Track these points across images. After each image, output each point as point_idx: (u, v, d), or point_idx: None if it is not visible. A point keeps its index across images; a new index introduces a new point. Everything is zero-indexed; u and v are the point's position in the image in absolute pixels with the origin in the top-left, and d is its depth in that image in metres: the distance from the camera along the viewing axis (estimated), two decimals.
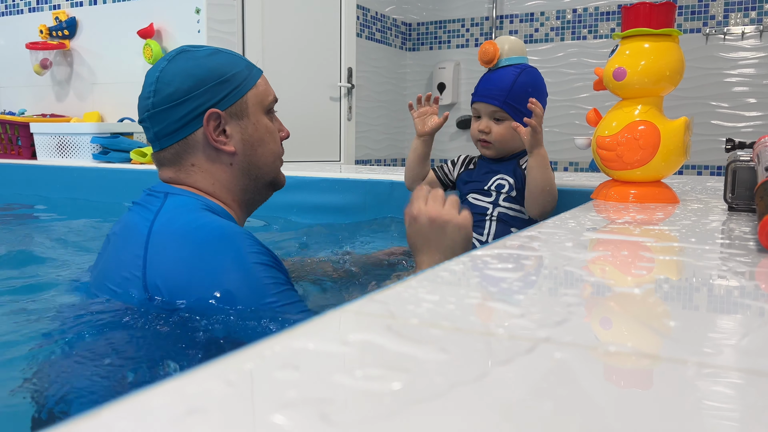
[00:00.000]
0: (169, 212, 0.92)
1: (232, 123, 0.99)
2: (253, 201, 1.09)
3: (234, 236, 0.89)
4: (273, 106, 1.07)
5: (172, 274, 0.86)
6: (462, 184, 1.55)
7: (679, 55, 1.07)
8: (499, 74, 1.43)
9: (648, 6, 1.04)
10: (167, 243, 0.88)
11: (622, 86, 1.07)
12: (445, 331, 0.37)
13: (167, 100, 0.96)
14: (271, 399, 0.28)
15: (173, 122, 0.97)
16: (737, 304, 0.46)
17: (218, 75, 0.97)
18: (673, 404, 0.28)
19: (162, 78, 0.96)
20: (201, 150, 0.99)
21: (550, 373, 0.31)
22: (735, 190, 0.99)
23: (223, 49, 1.03)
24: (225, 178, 1.01)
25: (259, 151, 1.04)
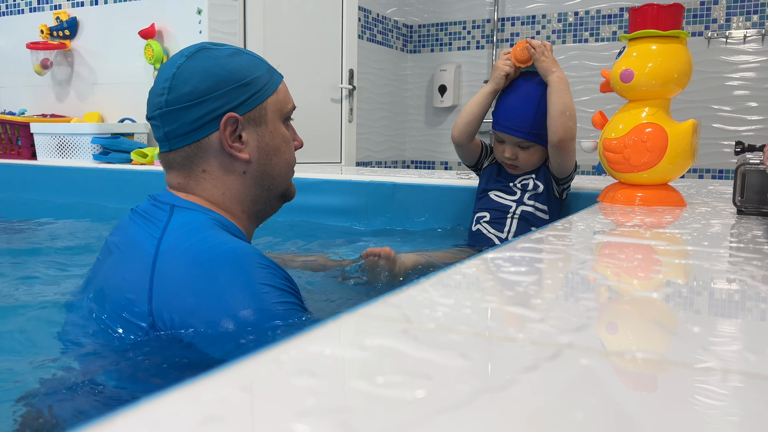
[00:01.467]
0: (176, 231, 0.86)
1: (249, 129, 0.94)
2: (263, 213, 1.03)
3: (244, 258, 0.83)
4: (291, 114, 1.01)
5: (179, 299, 0.81)
6: (486, 179, 1.52)
7: (687, 56, 1.06)
8: (521, 99, 1.38)
9: (656, 7, 1.03)
10: (174, 266, 0.82)
11: (630, 88, 1.06)
12: (464, 337, 0.36)
13: (183, 99, 0.89)
14: (289, 407, 0.26)
15: (187, 123, 0.90)
16: (762, 310, 0.45)
17: (239, 78, 0.91)
18: (712, 413, 0.27)
19: (179, 75, 0.90)
20: (214, 155, 0.93)
21: (577, 381, 0.30)
22: (744, 193, 0.98)
23: (245, 50, 0.97)
24: (236, 187, 0.95)
25: (275, 160, 0.98)
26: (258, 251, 0.86)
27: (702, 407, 0.28)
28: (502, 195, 1.47)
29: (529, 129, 1.38)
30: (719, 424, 0.27)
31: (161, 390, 0.27)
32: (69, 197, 2.50)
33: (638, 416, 0.26)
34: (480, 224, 1.49)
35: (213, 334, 0.79)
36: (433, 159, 4.72)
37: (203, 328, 0.80)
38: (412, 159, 4.79)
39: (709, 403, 0.29)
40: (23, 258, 1.60)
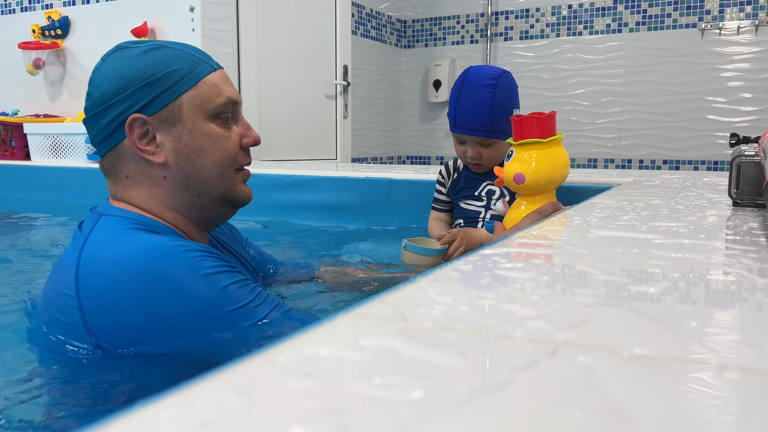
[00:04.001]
0: (96, 240, 0.82)
1: (162, 130, 0.87)
2: (207, 219, 0.94)
3: (168, 254, 0.78)
4: (225, 109, 0.91)
5: (118, 313, 0.77)
6: (454, 192, 1.55)
7: (563, 155, 1.24)
8: (473, 98, 1.38)
9: (535, 120, 1.19)
10: (100, 279, 0.78)
11: (522, 188, 1.23)
12: (461, 335, 0.36)
13: (95, 105, 0.87)
14: (286, 410, 0.26)
15: (102, 129, 0.87)
16: (760, 304, 0.45)
17: (147, 76, 0.86)
18: (710, 409, 0.27)
19: (93, 80, 0.87)
20: (132, 161, 0.88)
21: (575, 379, 0.30)
22: (740, 185, 0.98)
23: (169, 44, 0.90)
24: (161, 193, 0.89)
25: (199, 162, 0.89)
26: (184, 242, 0.82)
27: (700, 403, 0.28)
28: (471, 202, 1.49)
29: (489, 127, 1.38)
30: (718, 421, 0.27)
31: (156, 395, 0.27)
32: (63, 197, 2.50)
33: (637, 414, 0.26)
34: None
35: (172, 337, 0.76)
36: (428, 154, 4.71)
37: (154, 338, 0.76)
38: (407, 154, 4.79)
39: (708, 398, 0.28)
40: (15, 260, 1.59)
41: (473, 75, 1.41)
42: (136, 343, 0.77)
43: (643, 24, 3.91)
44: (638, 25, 3.92)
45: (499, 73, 1.40)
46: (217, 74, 0.92)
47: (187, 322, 0.77)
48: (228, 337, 0.77)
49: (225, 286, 0.79)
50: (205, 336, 0.77)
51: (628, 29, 3.95)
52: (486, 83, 1.38)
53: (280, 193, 2.02)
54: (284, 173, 2.04)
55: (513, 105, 1.42)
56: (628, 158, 4.04)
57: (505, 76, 1.41)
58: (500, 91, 1.38)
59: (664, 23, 3.85)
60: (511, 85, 1.42)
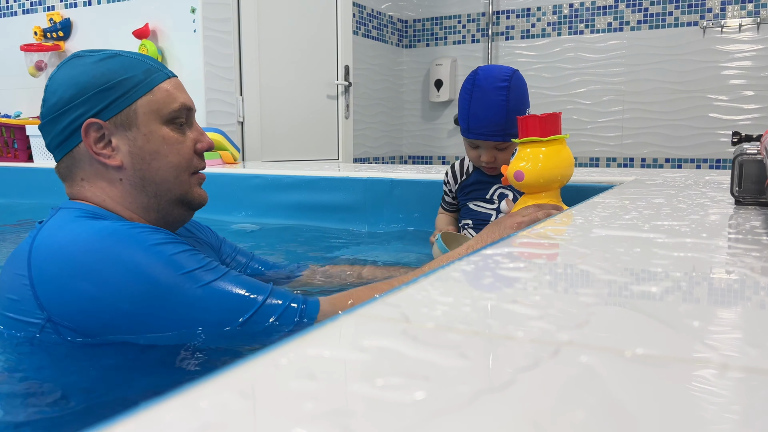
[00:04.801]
0: (49, 228, 0.86)
1: (118, 134, 0.91)
2: (165, 221, 0.98)
3: (117, 231, 0.82)
4: (179, 114, 0.95)
5: (72, 290, 0.79)
6: (463, 194, 1.54)
7: (567, 154, 1.24)
8: (487, 102, 1.36)
9: (537, 118, 1.19)
10: (53, 258, 0.81)
11: (523, 185, 1.24)
12: (463, 336, 0.36)
13: (51, 110, 0.90)
14: (289, 412, 0.26)
15: (57, 134, 0.91)
16: (763, 302, 0.45)
17: (102, 82, 0.89)
18: (713, 409, 0.27)
19: (49, 86, 0.91)
20: (88, 164, 0.92)
21: (577, 379, 0.30)
22: (742, 183, 0.98)
23: (124, 53, 0.94)
24: (118, 195, 0.93)
25: (154, 164, 0.93)
26: (133, 223, 0.85)
27: (704, 403, 0.28)
28: (481, 204, 1.48)
29: (504, 131, 1.36)
30: (721, 420, 0.27)
31: (159, 397, 0.27)
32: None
33: (639, 414, 0.26)
34: (465, 230, 1.52)
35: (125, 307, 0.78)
36: (430, 154, 4.71)
37: (111, 308, 0.78)
38: (409, 154, 4.79)
39: (711, 398, 0.28)
40: None
41: (484, 77, 1.37)
42: (88, 317, 0.79)
43: (644, 22, 3.90)
44: (640, 23, 3.92)
45: (510, 74, 1.37)
46: (171, 81, 0.96)
47: (139, 291, 0.79)
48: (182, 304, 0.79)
49: (173, 254, 0.82)
50: (158, 304, 0.79)
51: (630, 28, 3.94)
52: (498, 86, 1.35)
53: (282, 193, 2.02)
54: (286, 174, 2.04)
55: (526, 105, 1.40)
56: (630, 157, 4.04)
57: (516, 76, 1.38)
58: (513, 93, 1.35)
59: (666, 21, 3.85)
60: (522, 85, 1.40)
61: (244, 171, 2.16)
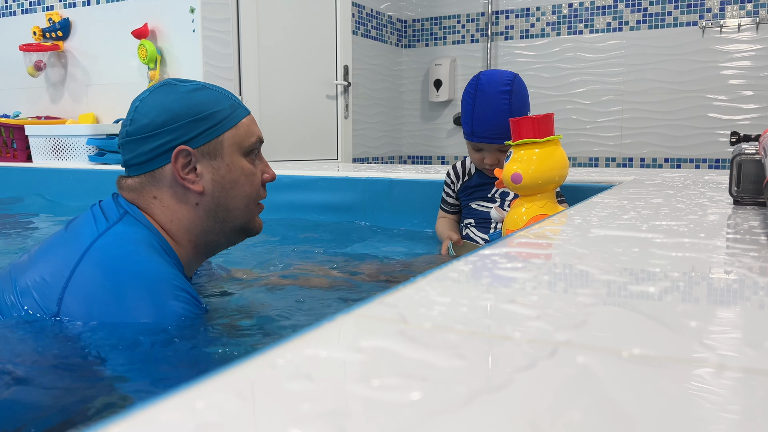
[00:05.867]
0: (115, 235, 0.91)
1: (203, 162, 0.97)
2: (216, 245, 1.04)
3: (160, 281, 0.88)
4: (256, 147, 1.03)
5: (89, 299, 0.85)
6: (465, 194, 1.55)
7: (562, 155, 1.24)
8: (490, 106, 1.38)
9: (531, 120, 1.19)
10: (97, 267, 0.87)
11: (520, 187, 1.23)
12: (460, 336, 0.36)
13: (141, 131, 0.95)
14: (285, 412, 0.26)
15: (143, 153, 0.96)
16: (761, 303, 0.45)
17: (195, 112, 0.95)
18: (710, 408, 0.27)
19: (140, 108, 0.96)
20: (167, 186, 0.97)
21: (574, 379, 0.30)
22: (740, 183, 0.98)
23: (210, 86, 1.01)
24: (187, 217, 0.99)
25: (231, 193, 1.00)
26: (179, 281, 0.90)
27: (701, 403, 0.28)
28: (483, 203, 1.50)
29: (508, 133, 1.38)
30: (718, 420, 0.27)
31: (156, 397, 0.27)
32: (65, 199, 2.50)
33: (636, 414, 0.26)
34: (468, 229, 1.53)
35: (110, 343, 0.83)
36: (429, 154, 4.71)
37: (103, 335, 0.83)
38: (408, 154, 4.79)
39: (708, 398, 0.28)
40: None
41: (486, 82, 1.40)
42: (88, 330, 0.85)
43: (643, 22, 3.90)
44: (639, 23, 3.92)
45: (512, 78, 1.40)
46: (250, 117, 1.04)
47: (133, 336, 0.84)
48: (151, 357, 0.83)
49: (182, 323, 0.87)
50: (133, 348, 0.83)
51: (629, 27, 3.94)
52: (501, 90, 1.38)
53: (282, 193, 2.02)
54: (285, 173, 2.04)
55: (527, 108, 1.43)
56: (630, 157, 4.04)
57: (517, 80, 1.41)
58: (516, 96, 1.39)
59: (665, 21, 3.85)
60: (523, 89, 1.43)
61: None
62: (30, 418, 0.69)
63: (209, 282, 1.22)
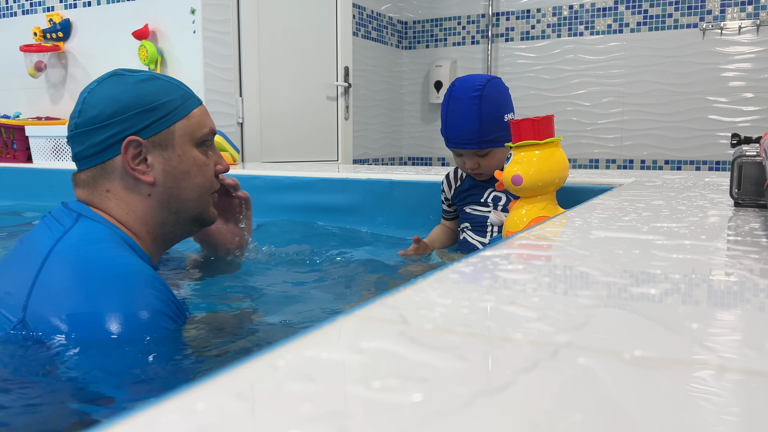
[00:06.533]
0: (75, 237, 0.89)
1: (154, 153, 0.96)
2: (173, 236, 1.04)
3: (134, 275, 0.85)
4: (208, 138, 1.03)
5: (56, 302, 0.82)
6: (459, 200, 1.57)
7: (562, 156, 1.24)
8: (460, 112, 1.39)
9: (531, 122, 1.19)
10: (62, 269, 0.84)
11: (521, 189, 1.23)
12: (461, 337, 0.36)
13: (89, 122, 0.94)
14: (286, 413, 0.26)
15: (93, 146, 0.94)
16: (762, 305, 0.44)
17: (145, 102, 0.95)
18: (712, 410, 0.27)
19: (88, 99, 0.95)
20: (119, 177, 0.96)
21: (575, 381, 0.30)
22: (741, 185, 0.98)
23: (161, 76, 1.00)
24: (141, 209, 0.97)
25: (183, 183, 1.00)
26: (153, 273, 0.88)
27: (702, 406, 0.28)
28: (477, 208, 1.51)
29: (480, 138, 1.39)
30: (720, 423, 0.26)
31: (155, 399, 0.27)
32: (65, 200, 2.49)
33: (638, 416, 0.26)
34: (465, 233, 1.54)
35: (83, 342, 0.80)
36: (429, 155, 4.71)
37: (74, 335, 0.80)
38: (408, 155, 4.79)
39: (710, 401, 0.28)
40: None
41: (458, 88, 1.41)
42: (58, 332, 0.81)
43: (644, 24, 3.91)
44: (639, 25, 3.92)
45: (483, 83, 1.39)
46: (201, 108, 1.03)
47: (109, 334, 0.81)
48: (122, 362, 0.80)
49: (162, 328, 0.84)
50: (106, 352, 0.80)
51: (629, 29, 3.95)
52: (471, 96, 1.38)
53: (282, 194, 2.02)
54: (285, 174, 2.04)
55: (503, 111, 1.41)
56: (630, 158, 4.04)
57: (490, 84, 1.40)
58: (486, 101, 1.38)
59: (665, 23, 3.85)
60: (498, 92, 1.41)
61: (243, 172, 2.16)
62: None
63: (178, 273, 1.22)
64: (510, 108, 1.44)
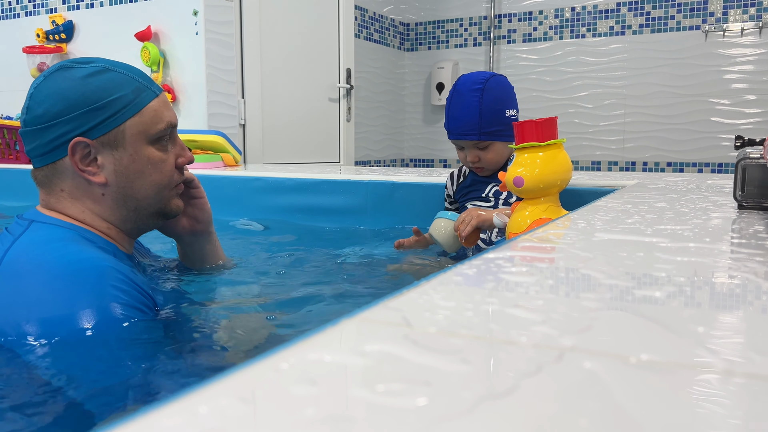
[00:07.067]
0: (26, 243, 0.85)
1: (104, 153, 0.92)
2: (138, 229, 1.01)
3: (95, 269, 0.82)
4: (164, 134, 0.97)
5: (14, 308, 0.78)
6: (461, 195, 1.57)
7: (565, 159, 1.24)
8: (462, 104, 1.42)
9: (533, 123, 1.20)
10: (14, 275, 0.81)
11: (522, 191, 1.23)
12: (465, 341, 0.36)
13: (36, 121, 0.90)
14: (289, 417, 0.26)
15: (41, 145, 0.91)
16: (766, 307, 0.44)
17: (93, 100, 0.89)
18: (719, 414, 0.27)
19: (35, 95, 0.91)
20: (70, 177, 0.93)
21: (581, 385, 0.29)
22: (745, 187, 0.98)
23: (113, 67, 0.94)
24: (96, 208, 0.94)
25: (137, 183, 0.95)
26: (115, 263, 0.85)
27: (708, 410, 0.28)
28: (478, 204, 1.51)
29: (479, 130, 1.41)
30: (726, 427, 0.26)
31: (158, 402, 0.27)
32: None
33: (644, 421, 0.26)
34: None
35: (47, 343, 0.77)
36: (431, 157, 4.71)
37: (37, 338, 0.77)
38: (410, 157, 4.79)
39: (716, 405, 0.28)
40: None
41: (462, 83, 1.45)
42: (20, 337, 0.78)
43: (646, 26, 3.90)
44: (641, 27, 3.91)
45: (486, 77, 1.44)
46: (159, 99, 0.97)
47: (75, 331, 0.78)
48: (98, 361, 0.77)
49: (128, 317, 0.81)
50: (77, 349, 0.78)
51: (632, 31, 3.94)
52: (473, 88, 1.42)
53: (283, 196, 2.02)
54: (287, 176, 2.04)
55: (505, 106, 1.44)
56: (632, 160, 4.03)
57: (493, 79, 1.44)
58: (488, 93, 1.41)
59: (668, 25, 3.85)
60: (500, 87, 1.45)
61: (245, 174, 2.16)
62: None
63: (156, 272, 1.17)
64: (513, 105, 1.47)
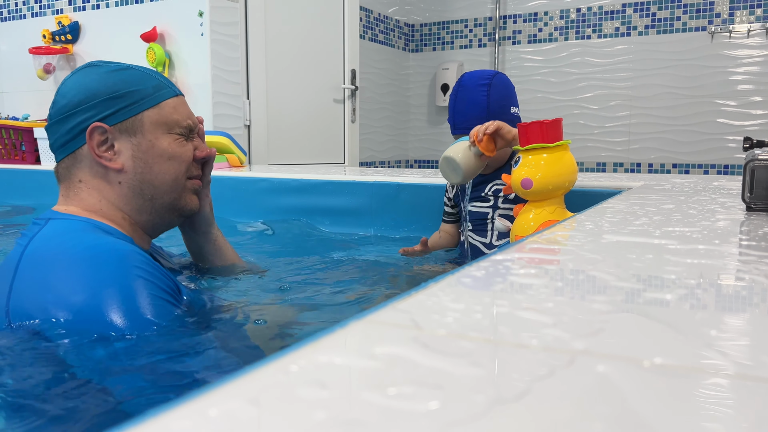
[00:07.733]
0: (45, 236, 0.87)
1: (122, 139, 0.95)
2: (153, 224, 1.01)
3: (116, 251, 0.83)
4: (183, 133, 1.01)
5: (38, 295, 0.80)
6: (460, 197, 1.57)
7: (571, 160, 1.23)
8: (468, 98, 1.43)
9: (540, 125, 1.19)
10: (37, 265, 0.82)
11: (530, 193, 1.22)
12: (475, 343, 0.35)
13: (59, 112, 0.94)
14: (299, 421, 0.26)
15: (62, 135, 0.94)
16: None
17: (113, 90, 0.94)
18: (736, 423, 0.26)
19: (61, 90, 0.95)
20: (88, 166, 0.95)
21: (593, 389, 0.29)
22: (753, 189, 0.97)
23: (137, 67, 0.98)
24: (113, 196, 0.96)
25: (155, 168, 0.97)
26: (137, 249, 0.86)
27: (724, 415, 0.27)
28: (478, 204, 1.50)
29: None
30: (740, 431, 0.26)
31: (167, 404, 0.27)
32: None
33: (658, 426, 0.26)
34: (464, 234, 1.53)
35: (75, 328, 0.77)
36: (436, 158, 4.71)
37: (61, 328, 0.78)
38: (415, 158, 4.78)
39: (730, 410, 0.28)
40: None
41: (468, 78, 1.47)
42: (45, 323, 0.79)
43: (652, 27, 3.89)
44: (647, 28, 3.90)
45: (492, 74, 1.46)
46: (179, 99, 1.01)
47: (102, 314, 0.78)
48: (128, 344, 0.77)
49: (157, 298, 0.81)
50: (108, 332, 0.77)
51: (637, 32, 3.93)
52: (480, 84, 1.43)
53: (288, 196, 2.02)
54: (292, 177, 2.04)
55: (509, 103, 1.46)
56: (638, 162, 4.02)
57: (498, 77, 1.46)
58: (494, 89, 1.43)
59: (674, 26, 3.83)
60: (505, 84, 1.46)
61: (250, 174, 2.16)
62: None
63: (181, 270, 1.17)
64: (516, 103, 1.49)
